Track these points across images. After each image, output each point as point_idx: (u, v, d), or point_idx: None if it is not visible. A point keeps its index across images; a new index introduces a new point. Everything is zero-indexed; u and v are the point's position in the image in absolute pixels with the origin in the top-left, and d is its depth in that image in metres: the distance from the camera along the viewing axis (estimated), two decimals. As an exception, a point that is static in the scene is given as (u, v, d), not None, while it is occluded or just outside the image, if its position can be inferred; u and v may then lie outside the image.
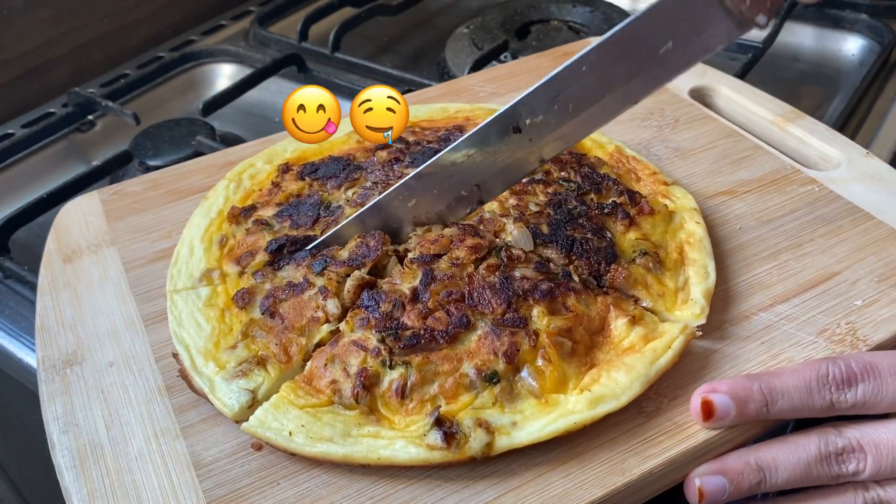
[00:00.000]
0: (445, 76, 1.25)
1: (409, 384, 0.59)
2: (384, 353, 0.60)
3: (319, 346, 0.63)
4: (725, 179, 0.83)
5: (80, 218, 0.82)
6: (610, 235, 0.70)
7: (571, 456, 0.58)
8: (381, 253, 0.67)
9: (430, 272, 0.64)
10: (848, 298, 0.68)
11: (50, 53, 1.28)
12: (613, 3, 1.38)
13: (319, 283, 0.66)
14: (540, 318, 0.62)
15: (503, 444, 0.56)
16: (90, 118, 1.21)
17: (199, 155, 0.99)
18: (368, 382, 0.59)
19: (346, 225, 0.70)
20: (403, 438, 0.57)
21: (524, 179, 0.73)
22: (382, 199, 0.69)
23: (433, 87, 1.03)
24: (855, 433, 0.58)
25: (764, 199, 0.80)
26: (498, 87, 1.00)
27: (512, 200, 0.72)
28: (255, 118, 1.24)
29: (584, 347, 0.62)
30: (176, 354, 0.64)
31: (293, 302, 0.65)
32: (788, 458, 0.57)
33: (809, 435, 0.59)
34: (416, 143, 0.81)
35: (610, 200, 0.74)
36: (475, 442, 0.56)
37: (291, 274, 0.68)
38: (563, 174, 0.76)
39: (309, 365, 0.62)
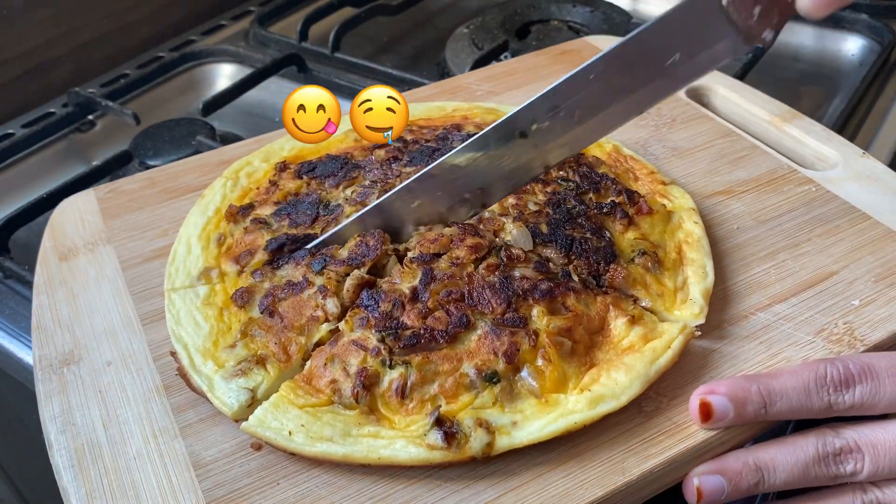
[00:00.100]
0: (445, 76, 1.25)
1: (409, 384, 0.59)
2: (384, 352, 0.60)
3: (319, 345, 0.63)
4: (723, 179, 0.83)
5: (75, 216, 0.81)
6: (609, 235, 0.70)
7: (571, 455, 0.58)
8: (380, 252, 0.67)
9: (429, 272, 0.64)
10: (845, 298, 0.69)
11: (50, 53, 1.28)
12: (613, 3, 1.38)
13: (319, 282, 0.66)
14: (540, 317, 0.62)
15: (503, 443, 0.56)
16: (90, 118, 1.21)
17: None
18: (368, 382, 0.59)
19: (348, 224, 0.70)
20: (404, 438, 0.57)
21: (524, 180, 0.73)
22: (386, 199, 0.69)
23: (429, 85, 1.03)
24: (853, 434, 0.58)
25: (761, 198, 0.80)
26: (495, 85, 1.00)
27: (511, 200, 0.72)
28: (255, 118, 1.24)
29: (583, 347, 0.62)
30: (174, 353, 0.64)
31: (292, 301, 0.65)
32: (787, 458, 0.57)
33: (807, 436, 0.59)
34: (413, 141, 0.81)
35: (608, 200, 0.74)
36: (475, 442, 0.56)
37: (291, 273, 0.68)
38: (561, 173, 0.76)
39: (308, 364, 0.62)
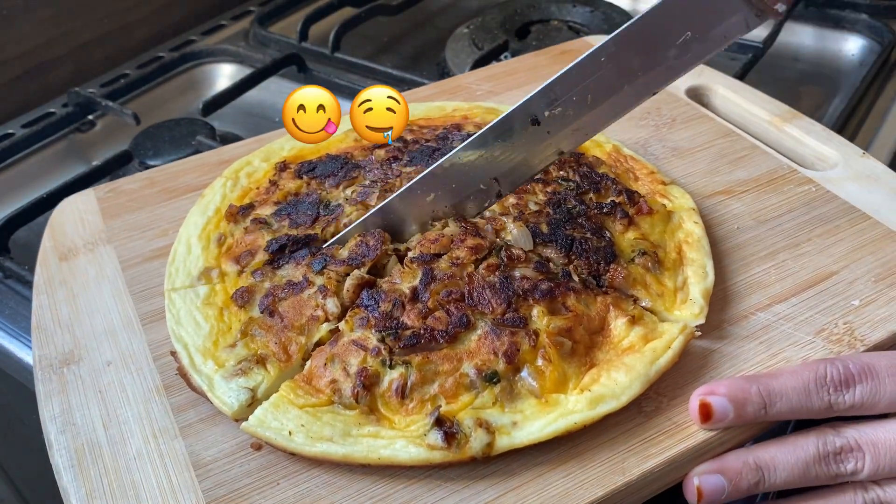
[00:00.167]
0: (445, 76, 1.25)
1: (409, 384, 0.59)
2: (384, 352, 0.60)
3: (319, 345, 0.63)
4: (723, 179, 0.83)
5: (75, 216, 0.81)
6: (609, 235, 0.70)
7: (571, 455, 0.58)
8: (380, 252, 0.67)
9: (429, 272, 0.64)
10: (845, 298, 0.69)
11: (50, 53, 1.28)
12: (613, 2, 1.38)
13: (319, 281, 0.66)
14: (540, 317, 0.62)
15: (503, 443, 0.56)
16: (90, 118, 1.21)
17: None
18: (368, 382, 0.59)
19: (361, 223, 0.69)
20: (404, 438, 0.57)
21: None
22: (400, 194, 0.69)
23: (429, 85, 1.03)
24: (853, 433, 0.58)
25: (761, 198, 0.80)
26: (495, 85, 1.00)
27: (511, 199, 0.72)
28: (255, 118, 1.24)
29: (583, 347, 0.62)
30: (174, 353, 0.64)
31: (293, 301, 0.65)
32: (787, 457, 0.57)
33: (808, 435, 0.59)
34: (413, 141, 0.81)
35: (609, 200, 0.74)
36: (475, 442, 0.56)
37: (291, 273, 0.68)
38: (561, 173, 0.76)
39: (309, 364, 0.62)
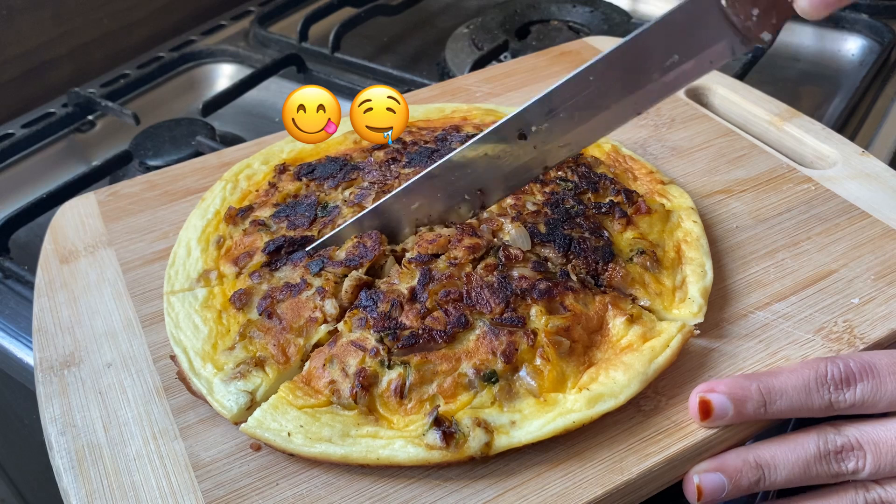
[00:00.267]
0: (445, 76, 1.25)
1: (407, 384, 0.59)
2: (382, 353, 0.60)
3: (317, 346, 0.63)
4: (722, 178, 0.83)
5: (76, 219, 0.82)
6: (607, 234, 0.70)
7: (570, 455, 0.58)
8: (378, 253, 0.67)
9: (427, 272, 0.64)
10: (845, 296, 0.69)
11: (50, 53, 1.28)
12: (613, 3, 1.38)
13: (317, 283, 0.66)
14: (538, 317, 0.62)
15: (502, 443, 0.56)
16: (90, 118, 1.21)
17: (199, 155, 0.99)
18: (367, 382, 0.59)
19: (347, 226, 0.70)
20: (402, 438, 0.57)
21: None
22: (385, 201, 0.69)
23: (429, 86, 1.03)
24: (854, 432, 0.58)
25: (760, 197, 0.80)
26: (495, 86, 1.00)
27: (509, 200, 0.72)
28: (254, 118, 1.24)
29: (582, 346, 0.62)
30: (173, 356, 0.64)
31: (291, 302, 0.65)
32: (787, 456, 0.57)
33: (808, 433, 0.59)
34: (413, 143, 0.81)
35: (607, 199, 0.74)
36: (474, 441, 0.56)
37: (289, 274, 0.68)
38: (560, 173, 0.76)
39: (307, 365, 0.62)
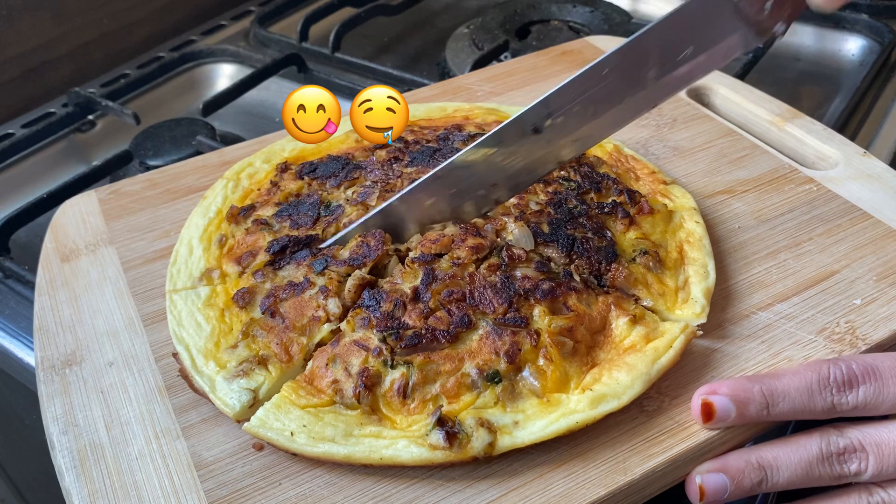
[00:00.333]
0: (445, 76, 1.25)
1: (410, 384, 0.59)
2: (385, 352, 0.60)
3: (321, 345, 0.63)
4: (724, 178, 0.83)
5: (77, 217, 0.81)
6: (610, 235, 0.70)
7: (573, 455, 0.58)
8: (381, 252, 0.67)
9: (431, 272, 0.64)
10: (847, 297, 0.69)
11: (50, 53, 1.28)
12: (613, 3, 1.38)
13: (320, 282, 0.66)
14: (541, 317, 0.62)
15: (505, 443, 0.56)
16: (90, 118, 1.21)
17: (199, 155, 0.98)
18: (370, 382, 0.59)
19: (359, 224, 0.69)
20: (405, 438, 0.57)
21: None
22: (399, 197, 0.69)
23: (430, 85, 1.03)
24: (857, 433, 0.58)
25: (762, 198, 0.80)
26: (496, 86, 1.00)
27: (513, 199, 0.72)
28: (255, 118, 1.24)
29: (585, 347, 0.62)
30: (176, 354, 0.64)
31: (294, 301, 0.65)
32: (790, 457, 0.57)
33: (811, 435, 0.59)
34: (414, 142, 0.81)
35: (610, 200, 0.74)
36: (477, 442, 0.56)
37: (292, 273, 0.68)
38: (562, 173, 0.76)
39: (310, 364, 0.62)
